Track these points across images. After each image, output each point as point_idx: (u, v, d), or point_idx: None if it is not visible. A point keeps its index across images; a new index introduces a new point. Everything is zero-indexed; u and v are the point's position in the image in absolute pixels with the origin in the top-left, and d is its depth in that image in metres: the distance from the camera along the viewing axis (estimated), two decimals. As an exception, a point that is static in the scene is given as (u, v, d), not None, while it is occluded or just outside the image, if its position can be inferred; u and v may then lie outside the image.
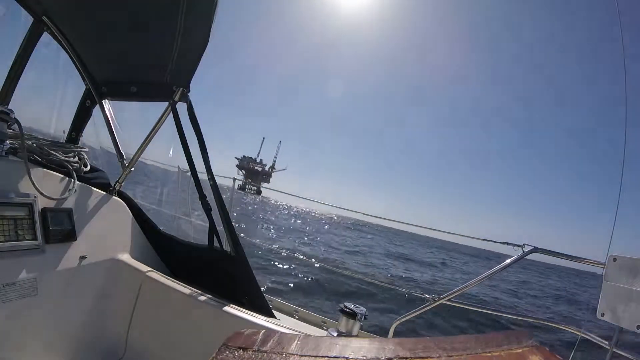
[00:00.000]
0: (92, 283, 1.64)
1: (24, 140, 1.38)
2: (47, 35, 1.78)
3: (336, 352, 0.52)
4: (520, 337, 0.59)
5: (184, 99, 1.78)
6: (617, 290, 1.33)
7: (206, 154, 1.75)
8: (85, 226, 1.61)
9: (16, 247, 1.28)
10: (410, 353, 0.52)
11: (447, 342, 0.56)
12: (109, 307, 1.69)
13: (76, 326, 1.57)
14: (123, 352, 1.64)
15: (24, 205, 1.34)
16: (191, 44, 1.65)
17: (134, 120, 2.19)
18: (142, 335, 1.65)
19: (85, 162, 1.76)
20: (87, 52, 1.89)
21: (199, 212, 2.03)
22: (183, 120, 1.80)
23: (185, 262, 2.00)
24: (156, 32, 1.69)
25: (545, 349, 0.56)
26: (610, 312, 1.34)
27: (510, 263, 1.74)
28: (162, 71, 1.79)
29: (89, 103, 2.01)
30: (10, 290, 1.26)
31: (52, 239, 1.42)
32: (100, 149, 2.11)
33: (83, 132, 2.05)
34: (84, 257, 1.56)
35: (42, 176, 1.46)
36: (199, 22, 1.58)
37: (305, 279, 9.13)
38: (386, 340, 0.58)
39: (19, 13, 1.70)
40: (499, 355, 0.53)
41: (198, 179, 1.84)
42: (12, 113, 1.39)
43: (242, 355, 0.49)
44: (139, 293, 1.67)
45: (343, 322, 1.50)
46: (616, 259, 1.38)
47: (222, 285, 1.72)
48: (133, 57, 1.88)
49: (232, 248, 1.73)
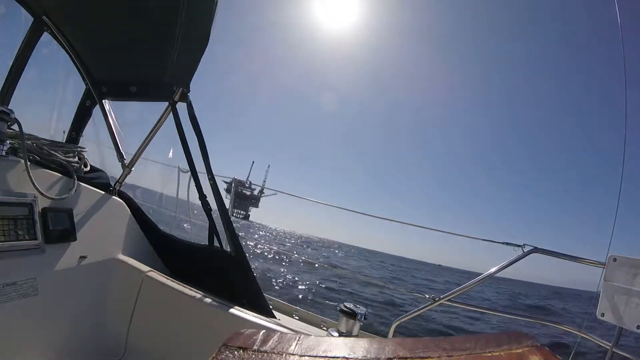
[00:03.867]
0: (92, 283, 1.64)
1: (24, 140, 1.38)
2: (47, 35, 1.78)
3: (336, 352, 0.52)
4: (520, 337, 0.59)
5: (184, 99, 1.78)
6: (617, 290, 1.33)
7: (206, 154, 1.74)
8: (85, 226, 1.61)
9: (16, 247, 1.28)
10: (410, 353, 0.52)
11: (447, 342, 0.56)
12: (109, 307, 1.69)
13: (76, 326, 1.56)
14: (123, 352, 1.64)
15: (24, 205, 1.34)
16: (191, 44, 1.65)
17: (134, 121, 2.19)
18: (142, 335, 1.65)
19: (85, 162, 1.76)
20: (87, 52, 1.89)
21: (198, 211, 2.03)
22: (183, 120, 1.81)
23: (185, 262, 2.00)
24: (156, 32, 1.69)
25: (545, 349, 0.56)
26: (610, 312, 1.34)
27: (511, 263, 1.74)
28: (162, 71, 1.79)
29: (89, 103, 2.01)
30: (10, 290, 1.26)
31: (52, 239, 1.41)
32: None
33: (83, 132, 2.05)
34: (84, 257, 1.56)
35: (42, 176, 1.46)
36: (198, 22, 1.58)
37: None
38: (386, 340, 0.58)
39: (19, 13, 1.70)
40: (499, 355, 0.53)
41: (198, 179, 1.84)
42: (12, 113, 1.39)
43: (242, 355, 0.49)
44: (139, 293, 1.67)
45: (343, 322, 1.50)
46: (616, 259, 1.38)
47: (222, 285, 1.72)
48: (133, 57, 1.88)
49: (232, 248, 1.73)
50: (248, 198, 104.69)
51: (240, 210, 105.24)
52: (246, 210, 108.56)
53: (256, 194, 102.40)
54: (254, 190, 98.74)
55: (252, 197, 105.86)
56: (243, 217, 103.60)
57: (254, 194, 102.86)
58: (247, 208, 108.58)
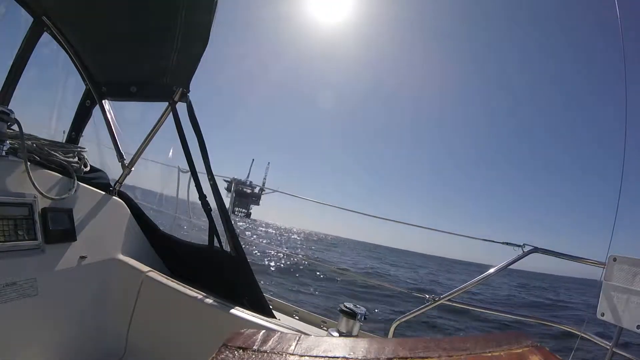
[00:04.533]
0: (92, 283, 1.64)
1: (24, 140, 1.38)
2: (47, 35, 1.78)
3: (336, 352, 0.52)
4: (520, 337, 0.59)
5: (183, 99, 1.78)
6: (617, 290, 1.33)
7: (206, 154, 1.74)
8: (85, 226, 1.61)
9: (16, 247, 1.28)
10: (410, 353, 0.52)
11: (447, 342, 0.56)
12: (109, 307, 1.69)
13: (76, 326, 1.56)
14: (123, 352, 1.64)
15: (24, 205, 1.34)
16: (191, 44, 1.65)
17: (134, 121, 2.19)
18: (142, 335, 1.65)
19: (85, 162, 1.76)
20: (87, 52, 1.89)
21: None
22: (183, 121, 1.80)
23: (185, 262, 2.00)
24: (156, 33, 1.69)
25: (545, 349, 0.56)
26: (610, 312, 1.34)
27: (511, 263, 1.74)
28: (162, 71, 1.79)
29: (89, 103, 2.01)
30: (10, 290, 1.26)
31: (52, 239, 1.41)
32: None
33: (83, 132, 2.05)
34: (83, 257, 1.56)
35: (42, 176, 1.46)
36: (198, 22, 1.58)
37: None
38: (386, 340, 0.58)
39: (19, 13, 1.70)
40: (499, 355, 0.53)
41: (198, 179, 1.84)
42: (12, 113, 1.39)
43: (242, 355, 0.49)
44: (139, 293, 1.67)
45: (343, 322, 1.50)
46: (616, 259, 1.38)
47: (222, 285, 1.72)
48: (133, 57, 1.88)
49: (232, 248, 1.73)
50: (249, 196, 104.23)
51: (242, 209, 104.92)
52: (247, 208, 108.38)
53: (257, 192, 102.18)
54: (254, 188, 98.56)
55: (253, 195, 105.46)
56: (245, 214, 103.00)
57: (254, 192, 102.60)
58: (248, 206, 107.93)
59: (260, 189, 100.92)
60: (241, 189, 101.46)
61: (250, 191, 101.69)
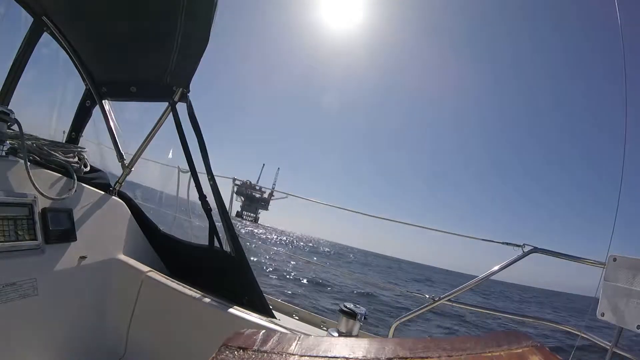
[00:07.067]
0: (92, 283, 1.64)
1: (24, 140, 1.38)
2: (47, 35, 1.78)
3: (336, 352, 0.52)
4: (520, 337, 0.59)
5: (183, 99, 1.79)
6: (617, 290, 1.33)
7: (206, 154, 1.75)
8: (85, 226, 1.61)
9: (16, 247, 1.28)
10: (410, 353, 0.52)
11: (447, 342, 0.56)
12: (109, 307, 1.69)
13: (76, 326, 1.56)
14: (123, 351, 1.64)
15: (24, 205, 1.34)
16: (191, 44, 1.65)
17: (134, 121, 2.19)
18: (142, 335, 1.65)
19: (85, 162, 1.76)
20: (87, 52, 1.89)
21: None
22: (183, 121, 1.81)
23: (185, 262, 2.00)
24: (156, 33, 1.69)
25: (545, 349, 0.56)
26: (610, 312, 1.34)
27: (510, 263, 1.73)
28: (162, 71, 1.79)
29: (89, 103, 2.01)
30: (10, 290, 1.26)
31: (52, 239, 1.42)
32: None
33: (83, 132, 2.05)
34: (83, 257, 1.56)
35: (42, 176, 1.46)
36: (198, 22, 1.58)
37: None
38: (386, 340, 0.58)
39: (19, 13, 1.70)
40: (499, 355, 0.53)
41: (198, 179, 1.84)
42: (12, 113, 1.39)
43: (242, 355, 0.49)
44: (139, 293, 1.67)
45: (343, 322, 1.50)
46: (616, 259, 1.38)
47: (222, 285, 1.72)
48: (133, 58, 1.88)
49: (232, 248, 1.73)
50: (257, 200, 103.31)
51: (250, 213, 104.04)
52: (255, 212, 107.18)
53: (265, 197, 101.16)
54: (263, 192, 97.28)
55: (262, 200, 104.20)
56: (252, 219, 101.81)
57: (263, 197, 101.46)
58: (256, 211, 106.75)
59: (269, 194, 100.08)
60: (250, 193, 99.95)
61: (259, 195, 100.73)
